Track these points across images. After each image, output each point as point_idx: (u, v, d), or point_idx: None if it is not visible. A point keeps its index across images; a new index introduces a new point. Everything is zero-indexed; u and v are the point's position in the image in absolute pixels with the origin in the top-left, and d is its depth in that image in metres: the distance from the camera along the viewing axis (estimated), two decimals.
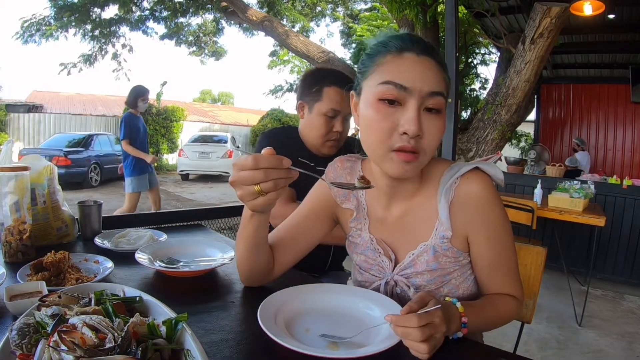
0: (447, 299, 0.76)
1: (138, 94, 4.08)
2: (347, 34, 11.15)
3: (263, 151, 0.67)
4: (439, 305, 0.66)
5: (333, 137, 1.32)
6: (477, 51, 7.94)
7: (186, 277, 0.98)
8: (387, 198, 0.86)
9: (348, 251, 0.96)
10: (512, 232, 0.83)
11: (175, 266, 1.01)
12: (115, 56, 8.94)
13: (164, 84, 13.66)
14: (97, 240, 1.17)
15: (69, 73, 8.59)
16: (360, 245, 0.90)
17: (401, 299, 0.85)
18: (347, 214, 0.92)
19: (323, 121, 1.31)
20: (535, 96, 6.16)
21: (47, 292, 0.72)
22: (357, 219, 0.90)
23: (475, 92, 7.87)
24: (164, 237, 1.25)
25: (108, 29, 8.27)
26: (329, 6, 10.84)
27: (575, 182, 3.28)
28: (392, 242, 0.87)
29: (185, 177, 11.50)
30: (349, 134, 1.41)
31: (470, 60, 7.67)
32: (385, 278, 0.86)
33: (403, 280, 0.84)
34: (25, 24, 7.87)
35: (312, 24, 10.68)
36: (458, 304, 0.74)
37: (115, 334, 0.50)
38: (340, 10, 11.32)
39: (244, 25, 8.42)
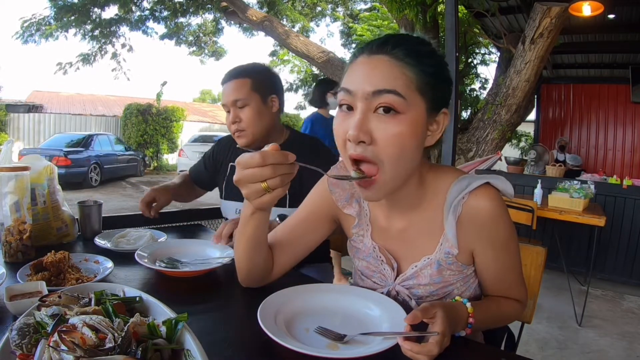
0: (457, 298, 0.76)
1: (326, 87, 3.13)
2: (347, 34, 11.15)
3: (268, 147, 0.66)
4: (437, 332, 0.63)
5: (232, 129, 1.35)
6: (477, 51, 7.94)
7: (186, 277, 0.98)
8: (387, 207, 0.84)
9: (350, 254, 0.95)
10: (518, 242, 0.81)
11: (175, 266, 1.01)
12: (114, 56, 8.95)
13: (164, 84, 13.68)
14: (97, 240, 1.17)
15: (65, 72, 8.61)
16: (363, 251, 0.89)
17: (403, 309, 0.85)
18: (349, 219, 0.90)
19: (225, 117, 1.38)
20: (535, 96, 6.16)
21: (47, 292, 0.72)
22: (359, 224, 0.88)
23: (475, 92, 7.88)
24: (164, 237, 1.25)
25: (108, 29, 8.27)
26: (329, 6, 10.85)
27: (575, 182, 3.28)
28: (394, 251, 0.85)
29: None
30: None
31: (470, 60, 7.67)
32: (387, 287, 0.85)
33: (405, 291, 0.83)
34: (25, 24, 7.88)
35: (312, 24, 10.69)
36: (468, 305, 0.73)
37: (115, 334, 0.50)
38: (340, 10, 11.33)
39: (244, 25, 8.42)
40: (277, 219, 1.21)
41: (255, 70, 1.36)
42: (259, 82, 1.33)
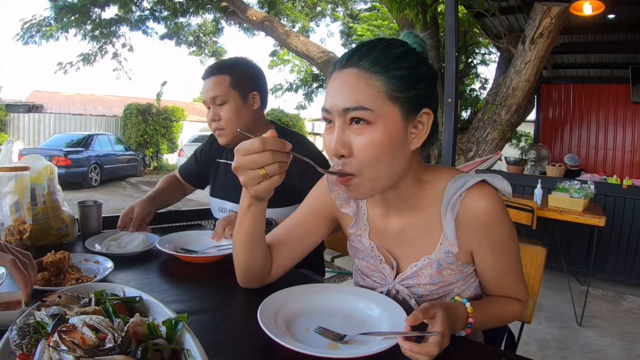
0: (456, 298, 0.76)
1: None
2: (347, 34, 11.14)
3: (267, 134, 0.67)
4: (437, 332, 0.63)
5: (212, 126, 1.33)
6: (477, 51, 7.94)
7: (206, 262, 1.07)
8: (383, 208, 0.84)
9: (350, 254, 0.95)
10: (518, 242, 0.81)
11: (197, 252, 1.09)
12: (115, 56, 8.96)
13: (164, 84, 13.70)
14: (88, 243, 1.13)
15: (65, 72, 8.62)
16: (361, 250, 0.89)
17: (402, 308, 0.85)
18: (347, 218, 0.90)
19: (206, 114, 1.35)
20: (535, 96, 6.15)
21: (24, 301, 0.68)
22: (357, 224, 0.88)
23: (475, 92, 7.87)
24: (157, 239, 1.19)
25: (108, 29, 8.27)
26: (329, 6, 10.84)
27: (575, 182, 3.28)
28: (393, 250, 0.85)
29: None
30: None
31: (470, 60, 7.67)
32: (387, 286, 0.85)
33: (405, 290, 0.83)
34: (26, 25, 7.88)
35: (312, 24, 10.69)
36: (467, 304, 0.73)
37: (115, 334, 0.50)
38: (340, 10, 11.32)
39: (244, 25, 8.42)
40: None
41: (235, 65, 1.32)
42: (239, 78, 1.29)
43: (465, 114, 6.47)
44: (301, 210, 0.94)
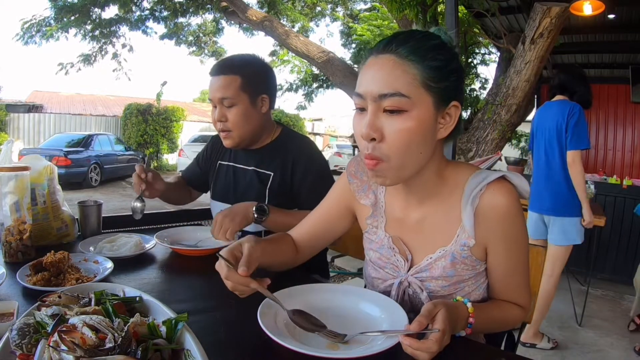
0: (458, 298, 0.76)
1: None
2: (347, 34, 11.13)
3: (240, 271, 0.72)
4: (438, 329, 0.64)
5: (217, 127, 1.26)
6: (477, 51, 7.93)
7: (204, 255, 1.12)
8: (404, 198, 0.85)
9: (364, 246, 0.95)
10: (528, 245, 0.82)
11: (195, 244, 1.14)
12: (115, 56, 8.95)
13: (164, 84, 13.68)
14: (83, 247, 1.10)
15: (66, 73, 8.59)
16: (376, 242, 0.90)
17: (412, 301, 0.85)
18: (364, 210, 0.92)
19: (211, 112, 1.29)
20: (535, 96, 6.15)
21: (16, 313, 0.68)
22: (374, 215, 0.90)
23: (475, 92, 7.87)
24: (153, 241, 1.18)
25: (108, 29, 8.27)
26: (329, 6, 10.84)
27: None
28: (409, 242, 0.85)
29: None
30: None
31: (470, 60, 7.65)
32: (400, 278, 0.85)
33: (417, 282, 0.83)
34: (26, 25, 7.87)
35: (312, 24, 10.68)
36: (469, 304, 0.74)
37: (116, 334, 0.50)
38: (340, 10, 11.31)
39: (244, 25, 8.42)
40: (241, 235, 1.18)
41: (247, 66, 1.25)
42: (249, 81, 1.23)
43: (465, 114, 6.47)
44: (324, 205, 0.98)
